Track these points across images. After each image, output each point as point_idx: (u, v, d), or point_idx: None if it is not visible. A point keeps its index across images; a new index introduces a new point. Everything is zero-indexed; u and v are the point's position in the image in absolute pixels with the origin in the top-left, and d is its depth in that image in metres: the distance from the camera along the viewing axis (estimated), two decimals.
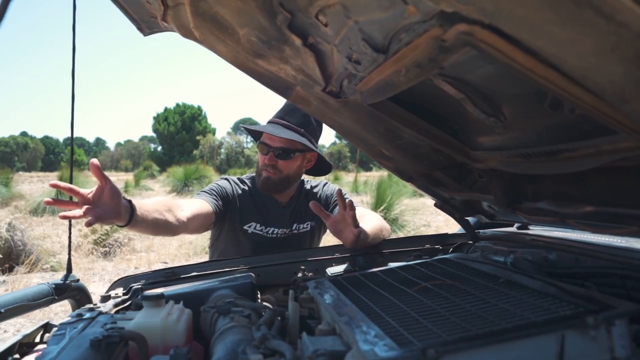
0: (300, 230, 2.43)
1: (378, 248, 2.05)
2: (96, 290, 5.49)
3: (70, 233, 1.73)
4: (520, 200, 1.40)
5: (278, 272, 1.88)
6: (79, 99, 1.60)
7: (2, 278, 6.27)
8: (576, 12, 0.51)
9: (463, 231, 2.04)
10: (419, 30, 0.81)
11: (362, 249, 2.02)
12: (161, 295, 1.31)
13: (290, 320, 1.24)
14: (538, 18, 0.57)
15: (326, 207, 2.46)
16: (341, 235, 1.91)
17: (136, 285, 1.68)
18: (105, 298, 1.61)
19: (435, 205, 1.91)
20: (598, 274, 1.30)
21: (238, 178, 2.49)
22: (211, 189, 2.31)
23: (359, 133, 1.62)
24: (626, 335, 0.83)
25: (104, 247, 8.18)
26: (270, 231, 2.36)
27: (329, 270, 1.83)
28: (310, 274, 1.83)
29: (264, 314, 1.28)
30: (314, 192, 2.52)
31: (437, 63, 0.86)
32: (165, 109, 66.75)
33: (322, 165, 2.51)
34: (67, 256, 1.70)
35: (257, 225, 2.35)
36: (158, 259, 7.63)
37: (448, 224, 9.60)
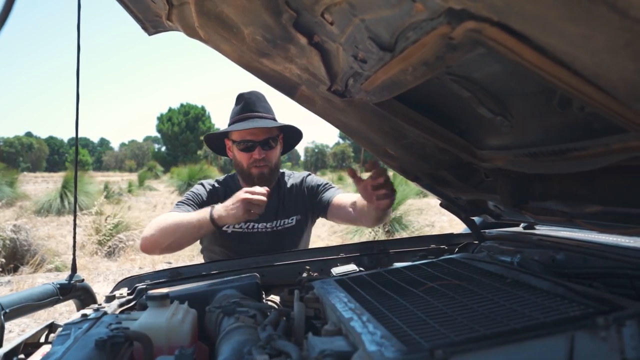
0: (285, 225, 2.38)
1: (382, 248, 2.04)
2: (100, 290, 5.50)
3: (75, 233, 1.72)
4: (527, 199, 1.39)
5: (283, 272, 1.87)
6: (83, 99, 1.60)
7: (7, 278, 6.29)
8: (589, 8, 0.51)
9: (468, 231, 2.03)
10: (427, 28, 0.80)
11: (367, 250, 2.01)
12: (166, 295, 1.30)
13: (295, 320, 1.23)
14: (549, 15, 0.56)
15: (313, 197, 2.46)
16: (372, 200, 1.83)
17: (141, 285, 1.68)
18: (109, 298, 1.60)
19: (440, 205, 1.90)
20: (606, 274, 1.28)
21: (216, 180, 2.49)
22: (188, 199, 2.31)
23: (364, 132, 1.61)
24: (637, 336, 0.82)
25: (108, 247, 8.19)
26: (250, 226, 2.34)
27: (334, 270, 1.82)
28: (315, 274, 1.82)
29: (270, 314, 1.27)
30: (298, 185, 2.50)
31: (445, 61, 0.85)
32: (169, 109, 66.90)
33: (289, 139, 2.52)
34: (72, 256, 1.70)
35: (235, 224, 2.33)
36: (162, 259, 7.63)
37: (452, 224, 9.58)
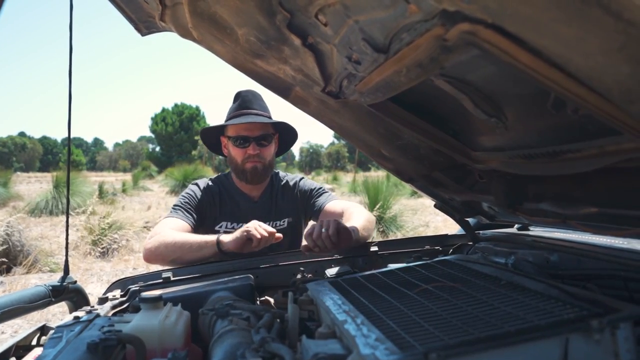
0: (277, 227, 2.38)
1: (377, 249, 2.04)
2: (94, 291, 5.47)
3: (67, 234, 1.71)
4: (521, 201, 1.39)
5: (277, 274, 1.86)
6: (77, 99, 1.59)
7: (0, 279, 6.25)
8: (583, 11, 0.50)
9: (463, 232, 2.03)
10: (421, 29, 0.79)
11: (362, 251, 2.01)
12: (159, 297, 1.29)
13: (289, 322, 1.22)
14: (544, 17, 0.56)
15: (306, 202, 2.46)
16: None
17: (134, 287, 1.67)
18: (102, 300, 1.59)
19: (435, 206, 1.90)
20: (600, 276, 1.29)
21: (210, 179, 2.49)
22: (184, 202, 2.31)
23: (359, 134, 1.61)
24: (631, 338, 0.82)
25: (102, 248, 8.16)
26: (241, 227, 2.33)
27: (328, 271, 1.82)
28: (309, 276, 1.81)
29: (263, 317, 1.27)
30: (291, 187, 2.51)
31: (439, 63, 0.85)
32: (163, 109, 66.68)
33: (284, 140, 2.53)
34: (65, 257, 1.69)
35: (228, 224, 2.34)
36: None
37: (447, 224, 9.60)
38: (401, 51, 0.89)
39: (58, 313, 4.68)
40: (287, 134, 2.49)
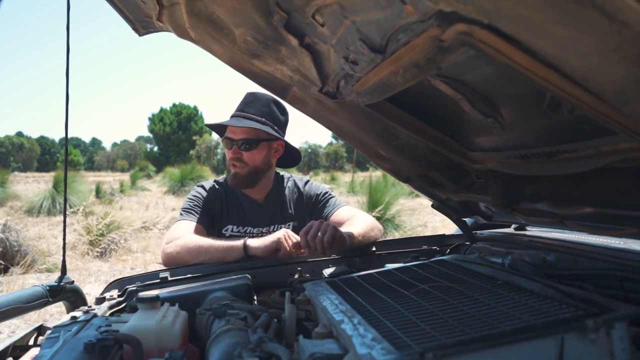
0: None
1: (374, 249, 2.04)
2: (92, 291, 5.46)
3: (64, 234, 1.71)
4: (518, 201, 1.39)
5: (274, 274, 1.86)
6: (75, 100, 1.59)
7: None
8: (578, 12, 0.51)
9: (460, 232, 2.03)
10: (417, 30, 0.80)
11: (360, 250, 2.01)
12: (156, 297, 1.29)
13: (286, 322, 1.23)
14: (539, 18, 0.56)
15: (312, 207, 2.44)
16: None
17: (131, 287, 1.67)
18: (100, 300, 1.59)
19: (432, 206, 1.90)
20: (596, 276, 1.29)
21: (214, 181, 2.46)
22: (194, 205, 2.28)
23: (356, 134, 1.61)
24: (626, 338, 0.83)
25: (100, 248, 8.15)
26: (247, 230, 2.32)
27: (326, 271, 1.82)
28: (307, 275, 1.82)
29: (260, 317, 1.27)
30: (297, 191, 2.47)
31: (435, 63, 0.86)
32: (161, 109, 66.71)
33: (292, 153, 2.48)
34: (62, 258, 1.69)
35: (234, 227, 2.32)
36: (154, 260, 7.60)
37: (445, 224, 9.61)
38: (398, 52, 0.90)
39: (55, 313, 4.67)
40: (292, 149, 2.45)
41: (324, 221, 1.89)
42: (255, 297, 1.71)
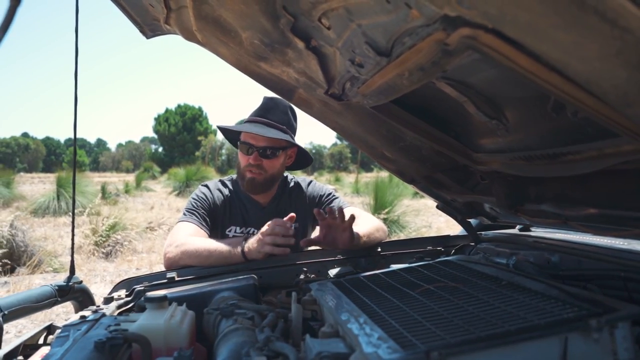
0: None
1: (379, 249, 2.05)
2: (97, 291, 5.49)
3: (73, 235, 1.73)
4: (522, 202, 1.40)
5: (280, 274, 1.88)
6: (80, 100, 1.61)
7: (4, 279, 6.28)
8: (581, 17, 0.52)
9: (465, 233, 2.04)
10: (422, 33, 0.81)
11: (365, 251, 2.02)
12: (164, 297, 1.31)
13: (293, 322, 1.24)
14: (542, 23, 0.57)
15: (316, 207, 2.41)
16: (336, 240, 1.96)
17: (139, 287, 1.69)
18: (108, 300, 1.61)
19: (437, 207, 1.91)
20: (600, 276, 1.30)
21: (219, 181, 2.45)
22: (197, 206, 2.28)
23: (361, 135, 1.62)
24: (629, 337, 0.84)
25: (105, 249, 8.18)
26: (250, 231, 2.32)
27: (331, 272, 1.83)
28: (312, 276, 1.83)
29: (267, 316, 1.28)
30: (300, 192, 2.47)
31: (440, 66, 0.87)
32: (166, 110, 66.86)
33: (302, 158, 2.48)
34: (70, 258, 1.71)
35: (237, 228, 2.33)
36: (159, 260, 7.62)
37: (449, 225, 9.60)
38: (403, 55, 0.91)
39: (61, 313, 4.70)
40: (304, 154, 2.46)
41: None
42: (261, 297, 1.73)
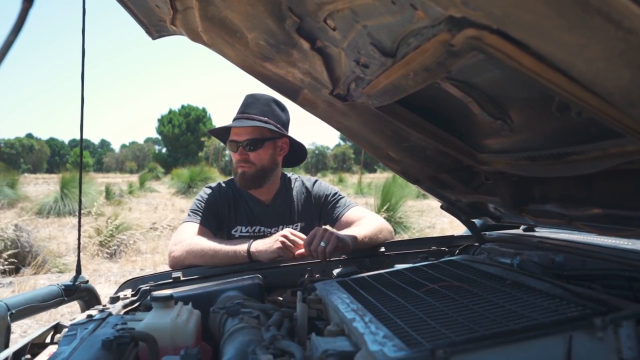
0: None
1: (383, 250, 2.05)
2: (102, 291, 5.50)
3: (79, 235, 1.74)
4: (526, 202, 1.40)
5: (285, 274, 1.88)
6: (85, 101, 1.62)
7: (9, 279, 6.31)
8: (585, 19, 0.52)
9: (469, 233, 2.04)
10: (428, 34, 0.82)
11: (369, 251, 2.03)
12: (170, 296, 1.32)
13: (298, 321, 1.25)
14: (547, 24, 0.58)
15: (321, 208, 2.44)
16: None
17: (144, 286, 1.70)
18: (114, 299, 1.62)
19: (441, 207, 1.91)
20: (605, 276, 1.30)
21: (224, 182, 2.46)
22: (201, 207, 2.29)
23: (366, 136, 1.63)
24: (633, 336, 0.84)
25: (109, 249, 8.21)
26: (256, 230, 2.33)
27: (336, 271, 1.84)
28: (317, 275, 1.83)
29: (273, 315, 1.29)
30: (305, 192, 2.48)
31: (445, 67, 0.87)
32: (169, 111, 66.92)
33: (298, 150, 2.48)
34: (77, 258, 1.72)
35: (243, 227, 2.33)
36: (163, 261, 7.64)
37: (453, 225, 9.60)
38: (408, 55, 0.92)
39: (66, 313, 4.72)
40: (298, 146, 2.46)
41: (328, 229, 1.90)
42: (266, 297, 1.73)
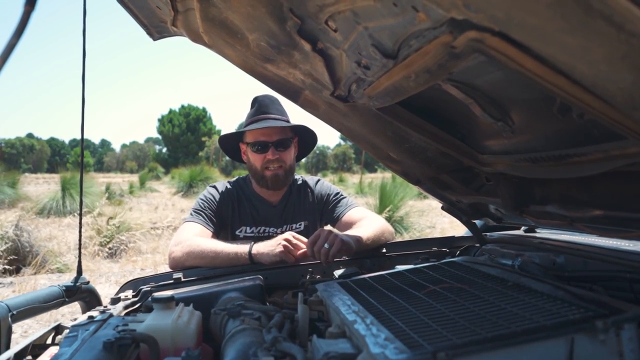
0: (294, 230, 2.36)
1: (384, 250, 2.05)
2: (103, 291, 5.50)
3: (80, 236, 1.74)
4: (528, 203, 1.40)
5: (286, 275, 1.88)
6: (85, 101, 1.63)
7: (10, 279, 6.31)
8: (587, 22, 0.52)
9: (470, 234, 2.04)
10: (429, 36, 0.81)
11: (370, 252, 2.02)
12: (171, 297, 1.32)
13: (299, 323, 1.25)
14: (549, 27, 0.58)
15: (323, 207, 2.45)
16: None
17: (145, 287, 1.70)
18: (115, 300, 1.62)
19: (442, 208, 1.91)
20: (606, 278, 1.30)
21: (229, 182, 2.47)
22: (204, 207, 2.29)
23: (367, 136, 1.63)
24: (635, 339, 0.84)
25: (110, 249, 8.21)
26: (261, 230, 2.34)
27: (337, 272, 1.84)
28: (318, 277, 1.83)
29: (274, 317, 1.29)
30: (308, 191, 2.48)
31: (447, 69, 0.87)
32: (170, 111, 66.96)
33: (301, 148, 2.50)
34: (78, 258, 1.72)
35: (247, 228, 2.34)
36: (164, 261, 7.64)
37: (453, 226, 9.59)
38: (410, 57, 0.92)
39: (67, 313, 4.72)
40: (306, 137, 2.47)
41: (332, 231, 1.89)
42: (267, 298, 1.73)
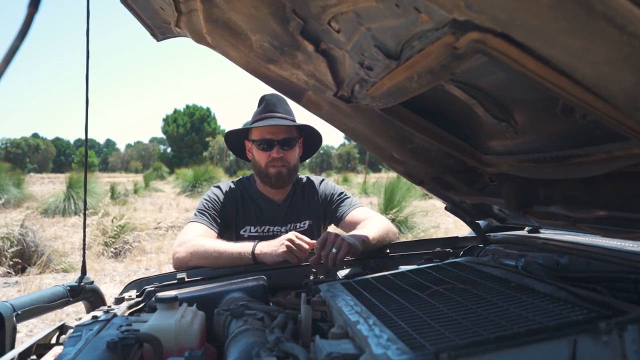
0: (297, 229, 2.37)
1: (387, 251, 2.05)
2: (107, 291, 5.53)
3: (84, 236, 1.74)
4: (531, 204, 1.40)
5: (289, 275, 1.88)
6: (90, 101, 1.63)
7: (15, 279, 6.34)
8: (589, 23, 0.52)
9: (473, 234, 2.04)
10: (432, 37, 0.82)
11: (374, 252, 2.02)
12: (175, 297, 1.32)
13: (302, 323, 1.25)
14: (551, 28, 0.58)
15: (327, 207, 2.45)
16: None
17: (149, 287, 1.70)
18: (119, 300, 1.63)
19: (445, 208, 1.91)
20: (610, 278, 1.30)
21: (233, 182, 2.47)
22: (208, 207, 2.29)
23: (370, 137, 1.63)
24: (638, 340, 0.83)
25: (114, 249, 8.24)
26: (265, 229, 2.35)
27: (340, 273, 1.84)
28: (321, 277, 1.83)
29: (277, 317, 1.29)
30: (311, 190, 2.49)
31: (449, 70, 0.87)
32: (174, 111, 67.10)
33: (306, 148, 2.51)
34: (82, 258, 1.72)
35: (252, 227, 2.34)
36: (168, 260, 7.66)
37: (457, 226, 9.58)
38: (412, 58, 0.92)
39: (72, 313, 4.73)
40: (311, 138, 2.48)
41: (339, 235, 1.88)
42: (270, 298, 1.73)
